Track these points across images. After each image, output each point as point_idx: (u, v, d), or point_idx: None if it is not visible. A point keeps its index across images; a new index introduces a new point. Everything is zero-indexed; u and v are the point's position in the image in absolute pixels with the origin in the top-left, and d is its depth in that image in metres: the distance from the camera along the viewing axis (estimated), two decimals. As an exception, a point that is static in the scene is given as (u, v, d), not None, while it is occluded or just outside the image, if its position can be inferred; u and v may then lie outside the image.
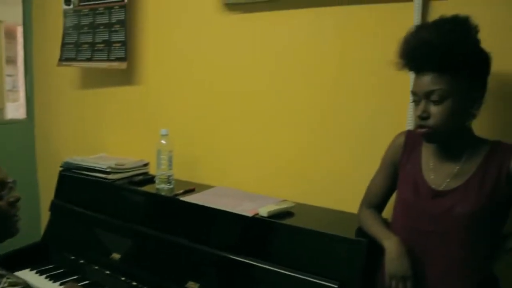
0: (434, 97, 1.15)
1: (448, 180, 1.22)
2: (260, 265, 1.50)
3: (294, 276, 1.42)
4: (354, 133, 1.67)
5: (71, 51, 2.45)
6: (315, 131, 1.77)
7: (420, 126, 1.19)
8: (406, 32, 1.22)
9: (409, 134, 1.35)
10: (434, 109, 1.16)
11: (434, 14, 1.48)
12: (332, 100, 1.72)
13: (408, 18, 1.50)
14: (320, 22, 1.73)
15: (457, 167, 1.22)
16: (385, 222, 1.38)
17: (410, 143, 1.33)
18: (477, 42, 1.17)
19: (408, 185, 1.30)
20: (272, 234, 1.57)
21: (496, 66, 1.22)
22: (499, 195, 1.15)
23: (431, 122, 1.17)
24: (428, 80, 1.16)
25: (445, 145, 1.24)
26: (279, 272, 1.45)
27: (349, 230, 1.46)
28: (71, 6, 2.42)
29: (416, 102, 1.20)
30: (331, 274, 1.38)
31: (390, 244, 1.24)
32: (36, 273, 1.97)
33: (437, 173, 1.25)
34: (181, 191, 1.87)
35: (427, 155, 1.29)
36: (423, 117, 1.17)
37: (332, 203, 1.70)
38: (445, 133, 1.18)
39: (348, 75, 1.68)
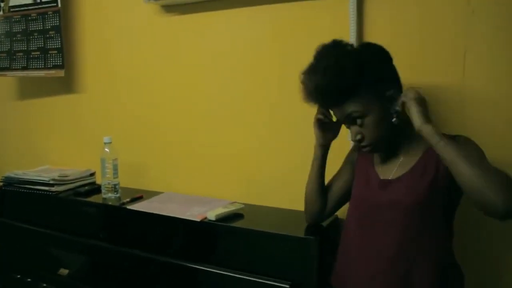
0: (353, 120, 1.20)
1: (395, 170, 1.24)
2: (211, 270, 1.48)
3: (245, 279, 1.41)
4: (300, 132, 1.67)
5: (4, 60, 2.33)
6: (261, 131, 1.77)
7: (360, 147, 1.24)
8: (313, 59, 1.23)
9: None
10: (362, 130, 1.20)
11: (370, 6, 1.51)
12: (277, 100, 1.72)
13: (344, 11, 1.53)
14: (258, 20, 1.72)
15: (402, 158, 1.24)
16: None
17: None
18: (357, 58, 1.18)
19: (361, 179, 1.32)
20: (221, 237, 1.56)
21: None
22: (440, 186, 1.17)
23: (366, 141, 1.21)
24: (339, 109, 1.21)
25: (392, 142, 1.26)
26: (230, 276, 1.44)
27: (299, 228, 1.46)
28: (1, 13, 2.30)
29: (347, 126, 1.25)
30: (283, 275, 1.38)
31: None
32: (-20, 297, 1.88)
33: (385, 165, 1.28)
34: (128, 199, 1.82)
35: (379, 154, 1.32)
36: (357, 140, 1.22)
37: (282, 203, 1.70)
38: (383, 142, 1.22)
39: (290, 74, 1.67)
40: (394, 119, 1.18)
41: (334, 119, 1.31)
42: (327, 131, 1.35)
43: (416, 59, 1.47)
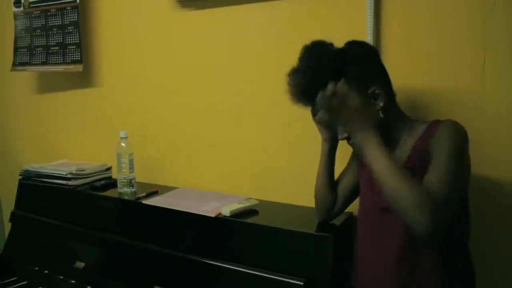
0: None
1: None
2: (225, 265, 1.48)
3: (259, 275, 1.40)
4: (314, 127, 1.65)
5: (24, 55, 2.36)
6: (275, 127, 1.75)
7: (349, 144, 1.22)
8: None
9: None
10: (347, 129, 1.18)
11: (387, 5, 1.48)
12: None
13: (360, 7, 1.50)
14: (275, 15, 1.70)
15: (395, 153, 1.21)
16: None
17: None
18: (338, 57, 1.18)
19: (364, 175, 1.30)
20: (235, 233, 1.55)
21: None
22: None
23: (352, 139, 1.19)
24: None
25: (384, 137, 1.22)
26: (244, 272, 1.44)
27: (314, 225, 1.45)
28: (22, 8, 2.33)
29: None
30: (297, 272, 1.37)
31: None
32: (-1, 287, 1.91)
33: None
34: (143, 194, 1.83)
35: None
36: (343, 138, 1.21)
37: (295, 199, 1.69)
38: None
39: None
40: (380, 115, 1.16)
41: None
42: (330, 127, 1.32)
43: (431, 59, 1.43)
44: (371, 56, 1.22)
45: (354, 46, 1.23)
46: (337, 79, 1.15)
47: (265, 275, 1.40)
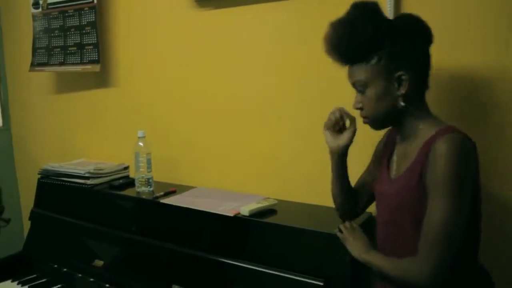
0: (358, 87, 1.18)
1: (399, 164, 1.21)
2: (244, 265, 1.48)
3: (278, 275, 1.40)
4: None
5: (42, 55, 2.39)
6: (294, 126, 1.75)
7: (362, 117, 1.21)
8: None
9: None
10: (362, 99, 1.18)
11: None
12: (307, 96, 1.70)
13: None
14: (293, 15, 1.69)
15: (404, 149, 1.20)
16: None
17: (391, 137, 1.31)
18: (383, 25, 1.13)
19: (379, 177, 1.29)
20: (254, 233, 1.55)
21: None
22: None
23: (364, 112, 1.19)
24: (349, 72, 1.19)
25: (398, 128, 1.22)
26: (263, 271, 1.43)
27: (333, 225, 1.44)
28: (40, 10, 2.36)
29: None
30: (316, 272, 1.37)
31: None
32: (18, 284, 1.94)
33: (396, 158, 1.24)
34: (161, 193, 1.84)
35: (397, 143, 1.26)
36: (357, 108, 1.20)
37: (313, 198, 1.68)
38: (380, 119, 1.19)
39: (322, 69, 1.64)
40: (400, 103, 1.13)
41: (348, 123, 1.28)
42: (338, 138, 1.29)
43: (452, 35, 1.39)
44: (416, 38, 1.14)
45: (406, 22, 1.17)
46: (373, 47, 1.12)
47: (284, 275, 1.40)
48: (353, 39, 1.13)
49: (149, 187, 1.88)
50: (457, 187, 1.04)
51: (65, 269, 1.93)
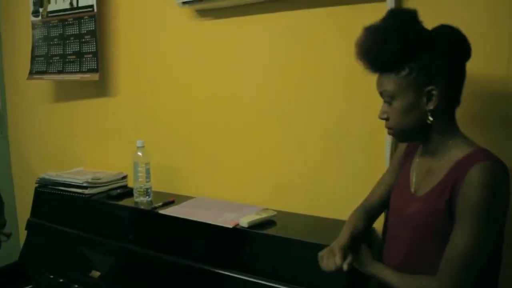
0: (386, 98, 1.14)
1: (420, 179, 1.18)
2: (242, 277, 1.47)
3: (277, 287, 1.39)
4: (328, 135, 1.64)
5: (41, 63, 2.38)
6: (294, 138, 1.74)
7: (386, 127, 1.18)
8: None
9: None
10: (389, 110, 1.15)
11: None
12: (308, 107, 1.69)
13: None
14: (294, 25, 1.70)
15: (428, 164, 1.16)
16: (355, 224, 1.31)
17: (411, 146, 1.29)
18: (415, 35, 1.08)
19: (397, 188, 1.26)
20: (253, 245, 1.54)
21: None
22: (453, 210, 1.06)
23: (389, 123, 1.16)
24: (378, 81, 1.16)
25: (424, 142, 1.19)
26: (262, 284, 1.42)
27: (331, 237, 1.42)
28: (40, 18, 2.35)
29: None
30: (315, 284, 1.35)
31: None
32: (14, 294, 1.92)
33: (417, 172, 1.20)
34: (160, 203, 1.83)
35: (418, 154, 1.24)
36: (382, 118, 1.17)
37: (315, 210, 1.68)
38: (405, 133, 1.15)
39: (324, 80, 1.65)
40: (429, 118, 1.10)
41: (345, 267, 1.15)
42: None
43: None
44: (451, 51, 1.09)
45: (443, 34, 1.11)
46: (406, 57, 1.08)
47: (283, 287, 1.38)
48: (383, 50, 1.08)
49: (147, 197, 1.87)
50: (488, 216, 1.01)
51: (61, 280, 1.91)
